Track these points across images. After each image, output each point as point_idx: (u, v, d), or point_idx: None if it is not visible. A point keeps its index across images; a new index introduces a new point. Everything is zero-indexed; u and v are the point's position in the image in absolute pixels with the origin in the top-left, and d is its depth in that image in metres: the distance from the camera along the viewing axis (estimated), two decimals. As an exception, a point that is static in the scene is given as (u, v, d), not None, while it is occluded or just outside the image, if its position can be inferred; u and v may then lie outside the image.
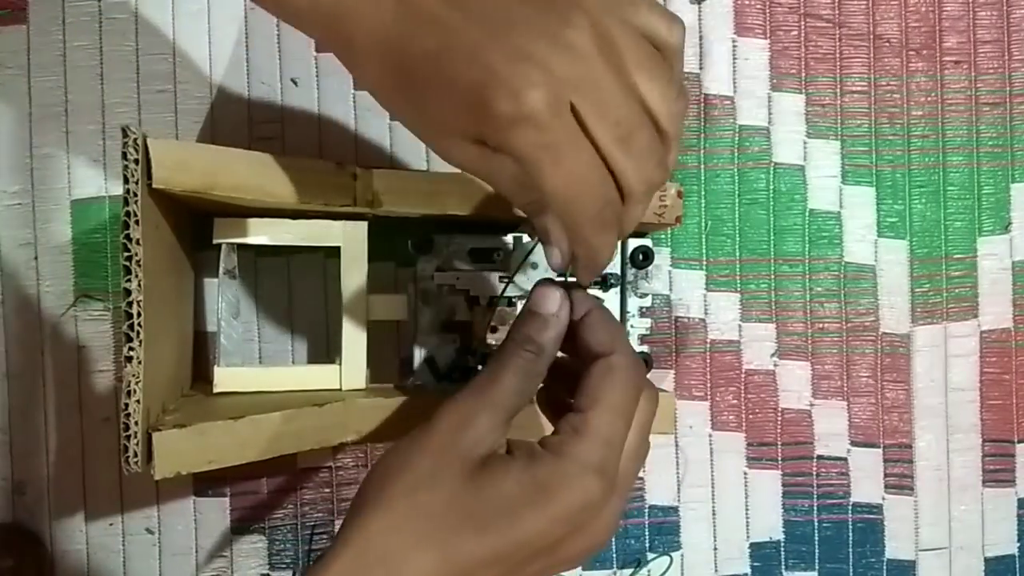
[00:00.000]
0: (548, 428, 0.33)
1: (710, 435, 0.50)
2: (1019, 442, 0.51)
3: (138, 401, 0.35)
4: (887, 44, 0.50)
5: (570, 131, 0.27)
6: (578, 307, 0.33)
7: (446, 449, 0.31)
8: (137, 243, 0.35)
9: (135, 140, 0.35)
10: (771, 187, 0.50)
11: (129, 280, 0.35)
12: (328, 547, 0.32)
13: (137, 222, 0.34)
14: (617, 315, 0.44)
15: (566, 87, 0.27)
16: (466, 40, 0.27)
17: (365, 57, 0.30)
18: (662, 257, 0.50)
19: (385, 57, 0.29)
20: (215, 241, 0.42)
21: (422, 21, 0.28)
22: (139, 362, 0.35)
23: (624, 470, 0.32)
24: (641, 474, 0.50)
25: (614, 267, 0.44)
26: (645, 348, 0.45)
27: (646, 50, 0.28)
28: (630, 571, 0.50)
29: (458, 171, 0.48)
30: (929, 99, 0.51)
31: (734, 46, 0.50)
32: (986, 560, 0.51)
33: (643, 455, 0.33)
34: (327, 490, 0.49)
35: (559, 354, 0.33)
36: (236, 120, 0.48)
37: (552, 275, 0.37)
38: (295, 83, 0.48)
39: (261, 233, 0.42)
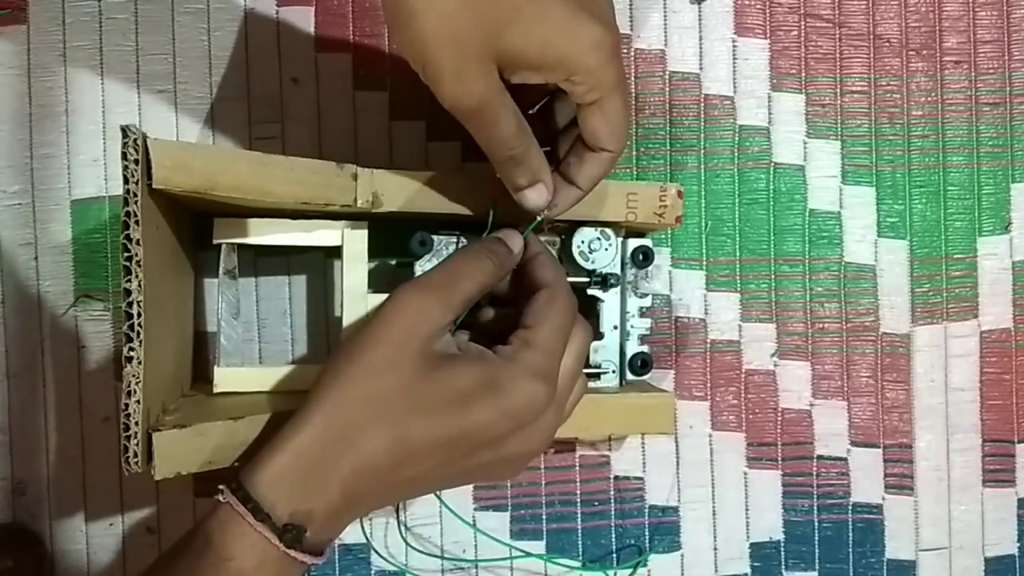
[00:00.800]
0: None
1: (710, 435, 0.50)
2: (1019, 442, 0.51)
3: (138, 401, 0.35)
4: (887, 44, 0.50)
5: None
6: (533, 247, 0.39)
7: (404, 340, 0.34)
8: (137, 243, 0.35)
9: (135, 140, 0.35)
10: (771, 187, 0.50)
11: (129, 280, 0.35)
12: (288, 422, 0.34)
13: (137, 222, 0.34)
14: (617, 315, 0.44)
15: None
16: None
17: None
18: (662, 257, 0.50)
19: None
20: (215, 241, 0.42)
21: None
22: (139, 362, 0.35)
23: (561, 386, 0.36)
24: (641, 474, 0.50)
25: (614, 267, 0.44)
26: (645, 348, 0.45)
27: None
28: (629, 571, 0.50)
29: (458, 171, 0.48)
30: (929, 99, 0.51)
31: (734, 46, 0.50)
32: (986, 560, 0.51)
33: (577, 377, 0.38)
34: (327, 490, 0.49)
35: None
36: (236, 120, 0.48)
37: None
38: (295, 83, 0.48)
39: (261, 233, 0.42)
